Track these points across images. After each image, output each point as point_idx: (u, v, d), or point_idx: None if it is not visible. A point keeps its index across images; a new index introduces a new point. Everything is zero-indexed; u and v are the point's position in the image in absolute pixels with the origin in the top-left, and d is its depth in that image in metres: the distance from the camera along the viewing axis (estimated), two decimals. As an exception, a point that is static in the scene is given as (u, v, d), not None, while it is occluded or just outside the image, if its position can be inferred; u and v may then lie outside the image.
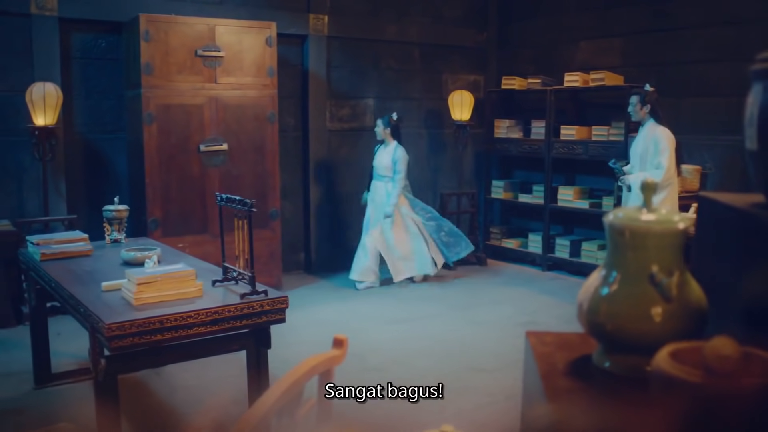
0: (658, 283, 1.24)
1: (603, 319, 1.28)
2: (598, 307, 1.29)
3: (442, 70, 8.43)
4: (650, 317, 1.24)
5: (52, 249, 4.15)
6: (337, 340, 1.61)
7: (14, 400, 4.32)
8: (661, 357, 1.02)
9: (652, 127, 5.90)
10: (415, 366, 4.87)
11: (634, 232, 1.27)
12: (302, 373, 1.40)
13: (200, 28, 6.18)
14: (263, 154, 6.64)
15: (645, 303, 1.25)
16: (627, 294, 1.27)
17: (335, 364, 1.58)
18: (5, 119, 6.05)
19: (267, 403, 1.24)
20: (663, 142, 5.79)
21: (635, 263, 1.27)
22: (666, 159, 5.78)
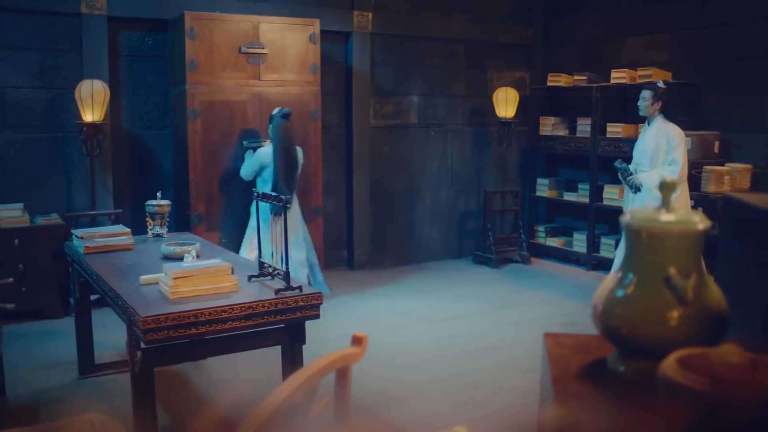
0: (674, 286, 1.21)
1: (618, 323, 1.25)
2: (613, 310, 1.26)
3: (487, 67, 8.38)
4: (666, 321, 1.22)
5: (96, 242, 4.23)
6: (356, 338, 1.60)
7: (59, 388, 4.43)
8: (669, 363, 1.00)
9: (662, 124, 5.75)
10: (451, 365, 4.85)
11: (652, 233, 1.25)
12: (316, 370, 1.40)
13: (244, 26, 6.24)
14: (306, 151, 6.67)
15: (661, 306, 1.22)
16: (642, 297, 1.24)
17: (353, 361, 1.58)
18: (56, 116, 6.20)
19: (277, 399, 1.25)
20: (677, 139, 5.65)
21: (652, 265, 1.25)
22: (680, 155, 5.63)
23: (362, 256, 7.77)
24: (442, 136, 8.18)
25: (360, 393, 4.35)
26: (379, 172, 7.82)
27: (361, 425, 3.91)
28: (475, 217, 8.43)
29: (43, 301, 5.76)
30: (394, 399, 4.30)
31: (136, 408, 3.15)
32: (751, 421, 0.87)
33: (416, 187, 8.09)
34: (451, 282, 7.24)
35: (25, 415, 4.02)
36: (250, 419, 1.16)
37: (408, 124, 7.97)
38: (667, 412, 0.94)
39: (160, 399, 4.13)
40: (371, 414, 4.08)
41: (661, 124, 5.74)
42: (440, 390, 4.42)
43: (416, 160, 8.06)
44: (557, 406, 1.08)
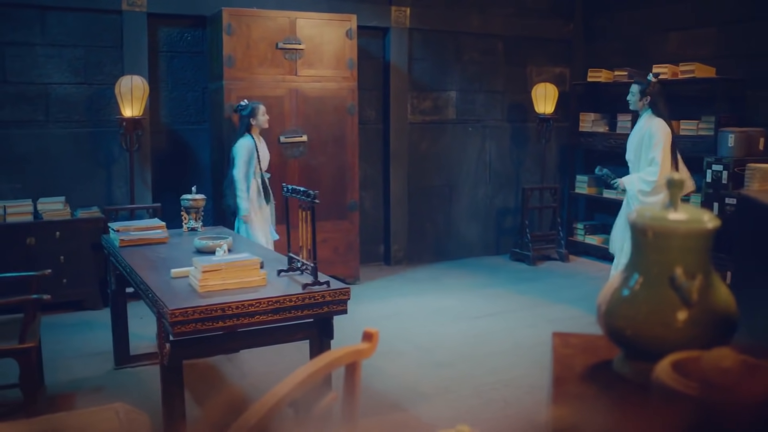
0: (679, 287, 1.19)
1: (622, 323, 1.23)
2: (618, 311, 1.24)
3: (527, 62, 8.30)
4: (670, 322, 1.19)
5: (131, 236, 4.31)
6: (366, 334, 1.60)
7: (95, 378, 4.52)
8: (662, 367, 0.98)
9: (648, 119, 5.59)
10: (484, 363, 4.83)
11: (658, 233, 1.23)
12: (322, 365, 1.40)
13: (281, 21, 6.28)
14: (343, 146, 6.70)
15: (665, 307, 1.20)
16: (647, 297, 1.22)
17: (362, 357, 1.58)
18: (97, 111, 6.32)
19: (279, 393, 1.25)
20: (657, 135, 5.47)
21: (658, 265, 1.23)
22: (659, 154, 5.44)
23: (399, 252, 7.77)
24: (480, 132, 8.13)
25: (391, 388, 4.37)
26: (416, 168, 7.81)
27: (389, 421, 3.92)
28: (513, 214, 8.37)
29: (82, 292, 5.88)
30: (424, 395, 4.29)
31: (166, 399, 3.20)
32: (741, 424, 0.85)
33: (454, 183, 8.06)
34: (488, 279, 7.21)
35: (62, 403, 4.11)
36: (248, 413, 1.17)
37: (446, 120, 7.95)
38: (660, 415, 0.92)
39: (192, 390, 4.20)
40: (401, 410, 4.08)
41: (648, 119, 5.59)
42: (471, 387, 4.40)
43: (454, 156, 8.02)
44: (554, 407, 1.07)
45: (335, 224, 6.74)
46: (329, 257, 6.64)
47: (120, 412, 2.09)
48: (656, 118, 5.55)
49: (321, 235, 6.48)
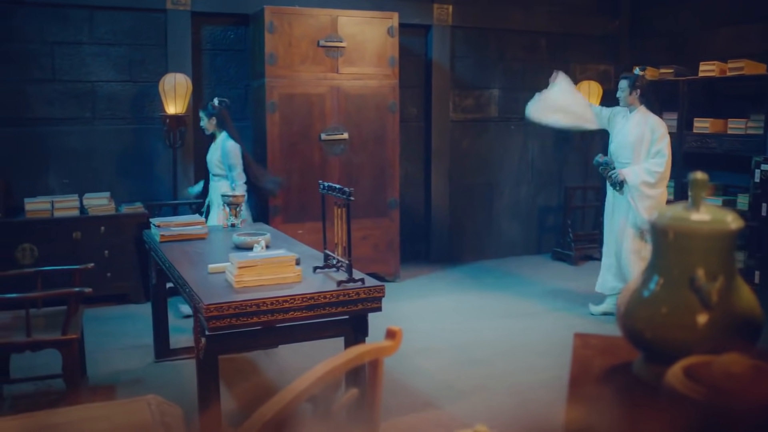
0: (699, 288, 1.17)
1: (641, 326, 1.21)
2: (637, 312, 1.23)
3: (570, 60, 8.21)
4: (690, 325, 1.17)
5: (171, 231, 4.37)
6: (390, 331, 1.61)
7: (135, 370, 4.61)
8: (674, 371, 0.96)
9: (644, 114, 5.51)
10: (522, 362, 4.80)
11: (679, 233, 1.21)
12: (342, 362, 1.41)
13: (323, 19, 6.31)
14: (383, 144, 6.71)
15: (685, 310, 1.18)
16: (667, 299, 1.20)
17: (384, 354, 1.58)
18: (141, 108, 6.43)
19: (296, 389, 1.26)
20: (660, 129, 5.42)
21: (679, 266, 1.21)
22: (665, 147, 5.39)
23: (439, 250, 7.76)
24: (523, 130, 8.07)
25: (427, 386, 4.37)
26: (457, 166, 7.78)
27: (422, 418, 3.92)
28: (555, 213, 8.30)
29: (126, 286, 5.99)
30: (460, 393, 4.28)
31: (201, 392, 3.24)
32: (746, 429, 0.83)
33: (495, 181, 8.02)
34: (529, 278, 7.15)
35: (103, 394, 4.20)
36: (264, 408, 1.19)
37: (488, 117, 7.90)
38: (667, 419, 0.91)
39: (229, 385, 4.25)
40: (436, 407, 4.08)
41: (643, 114, 5.52)
42: (507, 386, 4.38)
43: (496, 154, 7.98)
44: (567, 408, 1.06)
45: (375, 222, 6.75)
46: (369, 255, 6.66)
47: (152, 403, 2.12)
48: (651, 115, 5.51)
49: (361, 232, 6.53)
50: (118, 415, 2.05)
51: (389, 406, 4.00)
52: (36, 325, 3.70)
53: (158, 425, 1.93)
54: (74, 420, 2.10)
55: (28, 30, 6.05)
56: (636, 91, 5.52)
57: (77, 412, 2.34)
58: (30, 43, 6.07)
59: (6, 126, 6.04)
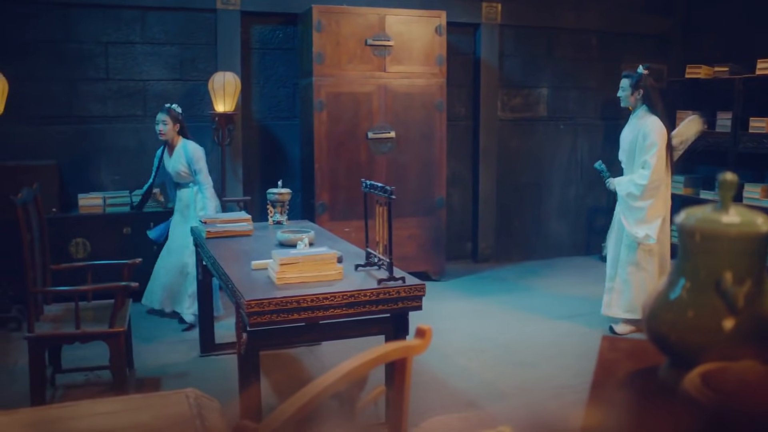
0: (725, 292, 1.14)
1: (666, 329, 1.20)
2: (662, 316, 1.21)
3: (622, 58, 8.08)
4: (716, 330, 1.15)
5: (217, 228, 4.44)
6: (419, 330, 1.61)
7: (181, 364, 4.69)
8: (691, 376, 0.95)
9: (642, 117, 5.22)
10: (568, 365, 4.74)
11: (706, 235, 1.18)
12: (368, 360, 1.42)
13: (370, 18, 6.33)
14: (431, 142, 6.71)
15: (711, 314, 1.16)
16: (693, 303, 1.18)
17: (413, 353, 1.59)
18: (191, 106, 6.53)
19: (320, 385, 1.28)
20: (652, 136, 5.10)
21: (705, 269, 1.18)
22: (653, 157, 5.07)
23: (486, 250, 7.72)
24: (572, 129, 7.98)
25: (470, 386, 4.36)
26: (505, 165, 7.73)
27: (463, 417, 3.91)
28: (605, 214, 8.17)
29: (174, 281, 6.09)
30: (503, 394, 4.26)
31: (242, 387, 3.29)
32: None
33: (544, 181, 7.95)
34: (576, 279, 7.07)
35: (149, 386, 4.29)
36: (287, 403, 1.20)
37: (537, 117, 7.84)
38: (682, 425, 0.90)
39: (271, 380, 4.30)
40: (478, 408, 4.07)
41: (641, 117, 5.23)
42: (552, 388, 4.34)
43: (544, 153, 7.91)
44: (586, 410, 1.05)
45: (422, 220, 6.75)
46: (415, 253, 6.67)
47: (190, 396, 2.15)
48: (651, 116, 5.20)
49: (407, 231, 6.54)
50: (158, 406, 2.09)
51: (430, 405, 4.01)
52: (85, 318, 3.80)
53: (195, 418, 1.96)
54: (117, 410, 2.15)
55: (83, 31, 6.20)
56: (638, 92, 5.22)
57: (120, 402, 2.40)
58: (85, 44, 6.22)
59: (61, 124, 6.21)
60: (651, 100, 5.23)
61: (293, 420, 1.19)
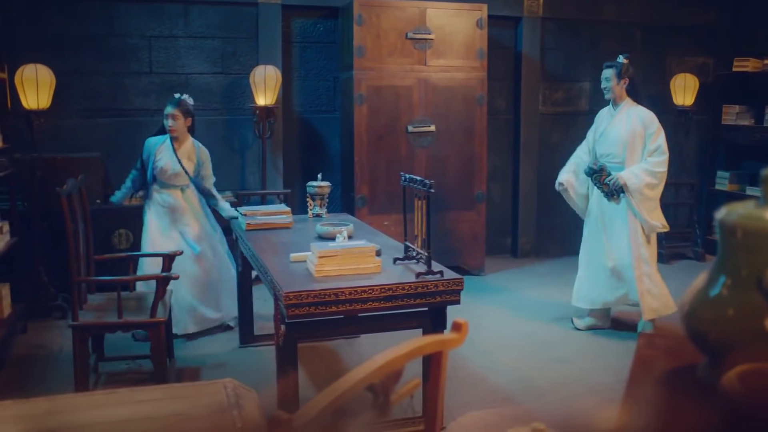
0: (767, 291, 1.12)
1: (705, 327, 1.17)
2: (701, 313, 1.18)
3: (666, 52, 7.95)
4: (757, 328, 1.12)
5: (257, 220, 4.47)
6: (455, 324, 1.60)
7: (221, 354, 4.74)
8: (729, 375, 0.93)
9: (631, 107, 5.00)
10: (605, 362, 4.69)
11: (748, 232, 1.16)
12: (404, 353, 1.42)
13: (411, 11, 6.32)
14: (471, 136, 6.68)
15: (753, 312, 1.13)
16: (733, 300, 1.15)
17: (449, 347, 1.58)
18: (233, 99, 6.60)
19: (354, 377, 1.28)
20: (656, 123, 4.93)
21: (747, 267, 1.16)
22: (664, 142, 4.90)
23: (526, 245, 7.67)
24: (614, 124, 7.87)
25: (506, 382, 4.34)
26: (546, 160, 7.66)
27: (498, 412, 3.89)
28: (647, 209, 8.07)
29: (215, 273, 6.15)
30: (539, 390, 4.24)
31: (280, 379, 3.32)
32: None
33: (584, 176, 7.85)
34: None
35: (188, 375, 4.35)
36: (320, 395, 1.21)
37: (578, 111, 7.75)
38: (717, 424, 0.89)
39: (309, 371, 4.33)
40: (514, 404, 4.05)
41: (631, 107, 5.01)
42: (588, 386, 4.30)
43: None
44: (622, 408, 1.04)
45: (461, 215, 6.73)
46: (454, 247, 6.65)
47: (228, 387, 2.18)
48: (639, 107, 5.01)
49: (447, 225, 6.53)
50: (197, 396, 2.12)
51: (467, 400, 4.00)
52: (127, 307, 3.86)
53: (233, 407, 1.98)
54: (157, 398, 2.18)
55: (128, 25, 6.30)
56: (624, 81, 4.99)
57: (160, 391, 2.44)
58: (129, 38, 6.31)
59: (105, 116, 6.31)
60: (635, 90, 5.05)
61: (328, 411, 1.20)
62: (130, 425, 1.95)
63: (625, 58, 5.05)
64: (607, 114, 5.21)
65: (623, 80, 4.99)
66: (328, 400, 1.18)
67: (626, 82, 5.00)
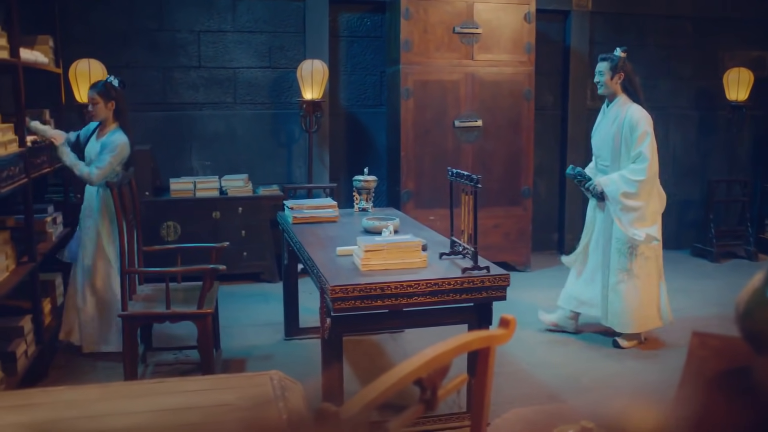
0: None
1: (762, 328, 1.14)
2: (758, 313, 1.15)
3: (719, 46, 7.78)
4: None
5: (303, 213, 4.50)
6: (503, 320, 1.59)
7: (266, 347, 4.78)
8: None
9: (623, 105, 4.65)
10: (655, 360, 4.62)
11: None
12: (451, 348, 1.41)
13: (458, 6, 6.28)
14: (518, 131, 6.63)
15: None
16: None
17: (496, 343, 1.57)
18: (280, 93, 6.64)
19: (402, 371, 1.28)
20: (642, 125, 4.53)
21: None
22: (648, 148, 4.52)
23: (573, 241, 7.57)
24: (664, 119, 7.73)
25: (552, 378, 4.31)
26: (594, 156, 7.56)
27: (543, 410, 3.86)
28: (697, 207, 7.92)
29: (260, 265, 6.22)
30: (585, 388, 4.19)
31: (325, 372, 3.33)
32: None
33: (633, 172, 7.73)
34: (665, 274, 6.84)
35: (234, 367, 4.40)
36: (368, 388, 1.21)
37: (627, 106, 7.63)
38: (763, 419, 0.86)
39: (354, 365, 4.35)
40: (559, 401, 4.01)
41: (623, 105, 4.66)
42: (635, 384, 4.24)
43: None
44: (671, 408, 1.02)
45: (507, 210, 6.68)
46: (500, 243, 6.61)
47: (274, 378, 2.19)
48: (633, 104, 4.64)
49: (492, 220, 6.49)
50: (243, 387, 2.13)
51: (512, 397, 3.97)
52: (175, 299, 3.91)
53: (278, 399, 1.99)
54: (204, 389, 2.20)
55: (177, 20, 6.38)
56: (619, 76, 4.64)
57: (207, 381, 2.47)
58: (178, 33, 6.40)
59: (155, 110, 6.40)
60: (632, 86, 4.69)
61: (375, 404, 1.19)
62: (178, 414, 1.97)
63: (622, 51, 4.73)
64: (601, 109, 4.95)
65: (618, 75, 4.65)
66: (375, 393, 1.18)
67: (621, 77, 4.66)
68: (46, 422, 1.75)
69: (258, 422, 1.86)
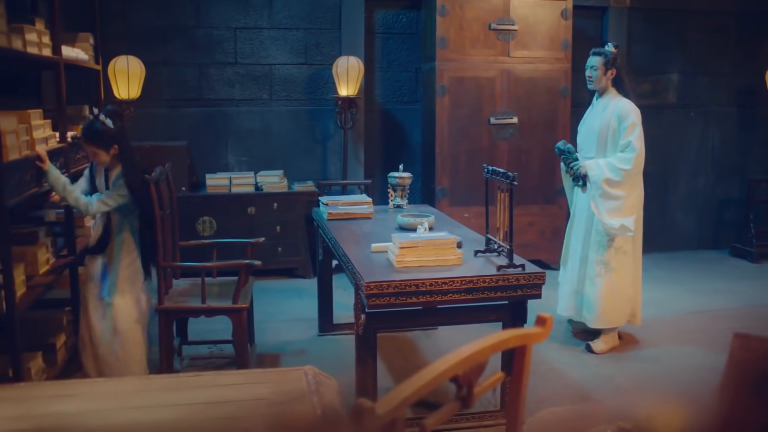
0: None
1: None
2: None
3: (762, 42, 7.64)
4: None
5: (338, 210, 4.52)
6: (540, 318, 1.58)
7: (300, 342, 4.82)
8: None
9: (612, 99, 4.64)
10: (690, 360, 4.56)
11: None
12: (488, 345, 1.41)
13: (495, 2, 6.25)
14: (554, 129, 6.57)
15: None
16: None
17: (533, 341, 1.56)
18: (316, 90, 6.67)
19: (438, 368, 1.28)
20: (631, 116, 4.52)
21: None
22: (637, 139, 4.49)
23: (608, 240, 7.51)
24: (703, 117, 7.63)
25: (586, 378, 4.28)
26: (630, 154, 7.48)
27: (577, 409, 3.84)
28: (736, 207, 7.79)
29: (295, 261, 6.26)
30: (620, 388, 4.15)
31: (359, 367, 3.34)
32: None
33: (670, 171, 7.64)
34: (703, 274, 6.78)
35: (268, 361, 4.43)
36: (404, 384, 1.21)
37: (665, 104, 7.54)
38: None
39: (387, 362, 4.35)
40: (593, 401, 3.98)
41: (612, 99, 4.66)
42: (672, 384, 4.19)
43: (672, 142, 7.60)
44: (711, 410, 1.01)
45: (543, 208, 6.64)
46: (535, 241, 6.57)
47: (309, 374, 2.20)
48: (622, 99, 4.63)
49: (527, 218, 6.45)
50: (277, 382, 2.15)
51: (545, 396, 3.95)
52: (210, 293, 3.95)
53: (313, 394, 2.01)
54: (239, 382, 2.23)
55: (214, 17, 6.44)
56: (611, 72, 4.67)
57: (241, 375, 2.49)
58: (215, 29, 6.45)
59: (191, 106, 6.47)
60: (622, 81, 4.71)
61: (411, 400, 1.19)
62: (213, 407, 1.99)
63: (614, 47, 4.74)
64: (591, 105, 4.92)
65: (611, 71, 4.67)
66: (412, 389, 1.18)
67: (613, 73, 4.68)
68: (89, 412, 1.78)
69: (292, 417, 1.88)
